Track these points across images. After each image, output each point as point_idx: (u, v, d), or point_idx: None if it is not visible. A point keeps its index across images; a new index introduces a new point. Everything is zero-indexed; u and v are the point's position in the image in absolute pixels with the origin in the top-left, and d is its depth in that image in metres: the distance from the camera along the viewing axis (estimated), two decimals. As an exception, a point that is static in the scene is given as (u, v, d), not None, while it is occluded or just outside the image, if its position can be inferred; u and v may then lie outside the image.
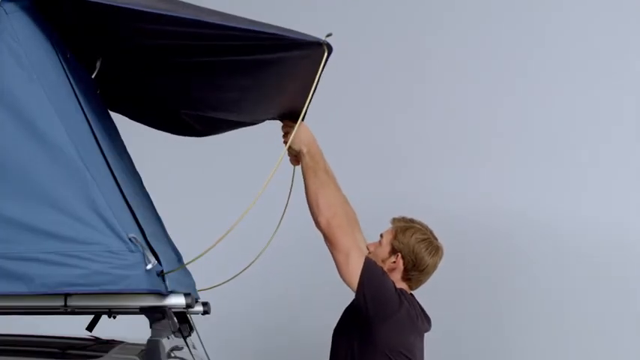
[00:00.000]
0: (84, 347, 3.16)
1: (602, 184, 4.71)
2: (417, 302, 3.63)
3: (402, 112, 4.99)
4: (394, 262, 3.58)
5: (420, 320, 3.58)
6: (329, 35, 2.96)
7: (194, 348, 3.29)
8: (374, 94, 5.03)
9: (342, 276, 3.49)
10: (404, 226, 3.62)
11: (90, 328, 3.34)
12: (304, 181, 3.49)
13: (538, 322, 4.70)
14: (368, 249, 3.66)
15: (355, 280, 3.44)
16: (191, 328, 3.19)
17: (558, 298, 4.69)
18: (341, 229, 3.47)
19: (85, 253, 2.65)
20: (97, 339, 3.26)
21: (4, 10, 2.74)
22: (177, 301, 2.81)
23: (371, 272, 3.46)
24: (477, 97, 4.90)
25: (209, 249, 2.77)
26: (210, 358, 3.42)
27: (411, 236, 3.59)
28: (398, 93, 5.01)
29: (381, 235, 3.66)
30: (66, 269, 2.64)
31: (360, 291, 3.44)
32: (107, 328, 3.25)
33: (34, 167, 2.69)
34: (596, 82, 4.78)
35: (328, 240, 3.49)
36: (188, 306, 2.84)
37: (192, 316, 3.21)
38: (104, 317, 3.18)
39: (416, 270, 3.59)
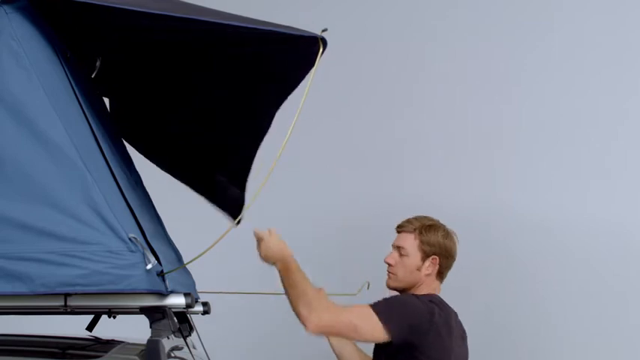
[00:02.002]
0: (84, 347, 3.17)
1: (603, 184, 4.70)
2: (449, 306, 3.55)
3: (401, 113, 4.98)
4: (430, 265, 3.51)
5: (454, 320, 3.51)
6: (324, 30, 2.95)
7: (194, 348, 3.29)
8: (374, 94, 5.03)
9: (369, 342, 3.41)
10: (421, 227, 3.52)
11: (90, 328, 3.34)
12: (284, 290, 3.34)
13: (539, 322, 4.69)
14: (388, 263, 3.54)
15: (381, 332, 3.32)
16: (191, 328, 3.19)
17: (559, 298, 4.68)
18: (332, 319, 3.31)
19: (85, 253, 2.65)
20: (97, 339, 3.26)
21: (4, 10, 2.75)
22: (177, 301, 2.81)
23: (386, 312, 3.34)
24: (477, 97, 4.89)
25: (209, 249, 2.77)
26: (210, 358, 3.42)
27: (436, 234, 3.52)
28: (398, 93, 5.00)
29: (394, 247, 3.56)
30: (66, 269, 2.64)
31: (393, 333, 3.32)
32: (107, 328, 3.25)
33: (34, 167, 2.69)
34: (596, 82, 4.77)
35: (329, 336, 3.46)
36: (188, 306, 2.85)
37: (192, 316, 3.21)
38: (104, 317, 3.18)
39: (447, 262, 3.54)
